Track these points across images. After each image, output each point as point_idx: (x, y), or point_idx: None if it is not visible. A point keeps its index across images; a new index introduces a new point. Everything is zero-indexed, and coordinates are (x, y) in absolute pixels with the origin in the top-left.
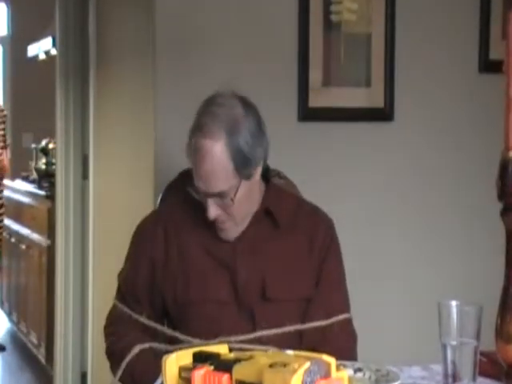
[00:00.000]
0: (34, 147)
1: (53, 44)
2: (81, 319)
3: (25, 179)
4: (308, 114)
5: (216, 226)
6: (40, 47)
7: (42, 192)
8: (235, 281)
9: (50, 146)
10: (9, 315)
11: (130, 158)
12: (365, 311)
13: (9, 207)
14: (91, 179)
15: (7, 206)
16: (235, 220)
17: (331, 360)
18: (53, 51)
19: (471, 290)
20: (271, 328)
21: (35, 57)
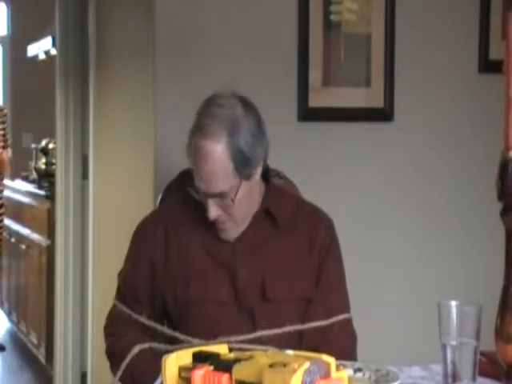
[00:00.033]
0: (34, 147)
1: (53, 44)
2: (81, 319)
3: (25, 179)
4: (308, 114)
5: (216, 227)
6: (40, 47)
7: (42, 192)
8: (235, 281)
9: (50, 146)
10: (9, 315)
11: (130, 158)
12: (365, 311)
13: (9, 207)
14: (91, 179)
15: (7, 206)
16: (235, 220)
17: (331, 360)
18: (53, 51)
19: (471, 290)
20: (271, 328)
21: (35, 57)
